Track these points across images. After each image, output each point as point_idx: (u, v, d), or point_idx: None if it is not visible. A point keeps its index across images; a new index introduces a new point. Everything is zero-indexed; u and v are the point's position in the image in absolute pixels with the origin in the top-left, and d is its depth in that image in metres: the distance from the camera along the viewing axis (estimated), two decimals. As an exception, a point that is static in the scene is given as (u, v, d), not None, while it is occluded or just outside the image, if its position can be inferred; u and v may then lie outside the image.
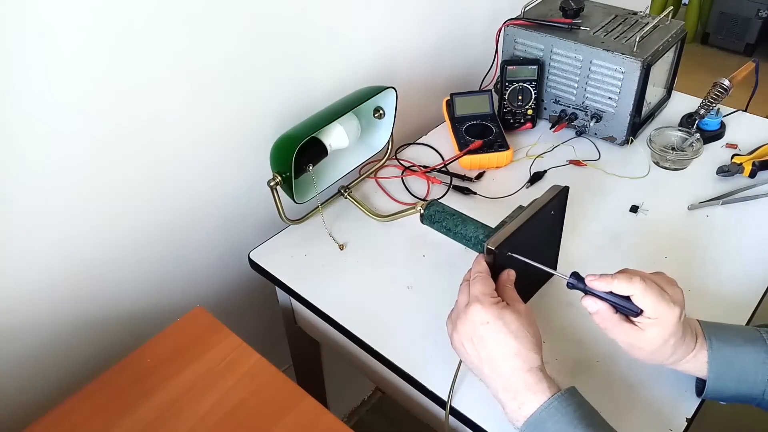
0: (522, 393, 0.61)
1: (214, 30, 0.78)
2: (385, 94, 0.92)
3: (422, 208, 0.82)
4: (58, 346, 0.80)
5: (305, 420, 0.69)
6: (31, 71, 0.63)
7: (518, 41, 1.10)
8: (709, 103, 1.06)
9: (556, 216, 0.78)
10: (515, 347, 0.62)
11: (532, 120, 1.12)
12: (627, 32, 1.05)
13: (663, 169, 1.03)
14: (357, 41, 1.00)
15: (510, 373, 0.62)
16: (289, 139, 0.82)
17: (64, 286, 0.77)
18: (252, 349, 0.77)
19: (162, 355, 0.76)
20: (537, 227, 0.73)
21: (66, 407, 0.71)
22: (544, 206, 0.73)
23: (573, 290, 0.66)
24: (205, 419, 0.70)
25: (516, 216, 0.72)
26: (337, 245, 0.90)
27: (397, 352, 0.76)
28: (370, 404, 1.57)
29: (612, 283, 0.62)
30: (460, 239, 0.78)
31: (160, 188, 0.83)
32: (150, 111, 0.76)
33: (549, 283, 0.83)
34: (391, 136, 0.98)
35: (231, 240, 0.97)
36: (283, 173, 0.83)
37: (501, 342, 0.63)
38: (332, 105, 0.89)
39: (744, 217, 0.93)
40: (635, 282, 0.61)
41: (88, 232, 0.77)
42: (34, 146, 0.67)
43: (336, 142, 0.89)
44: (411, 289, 0.84)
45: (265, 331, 1.10)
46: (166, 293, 0.91)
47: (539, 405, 0.59)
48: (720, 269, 0.85)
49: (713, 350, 0.64)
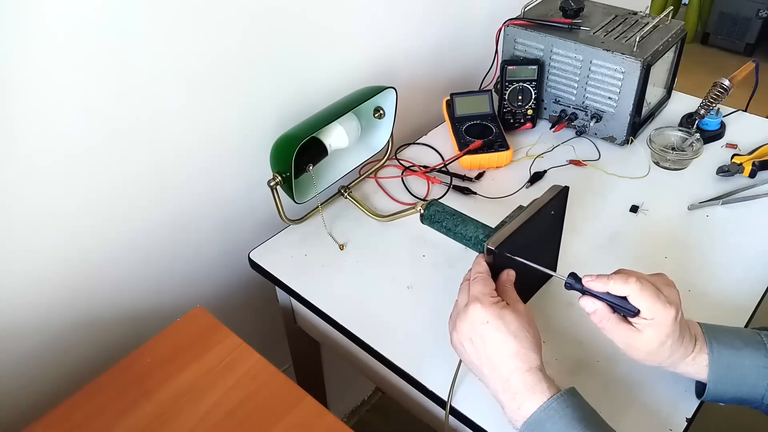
0: (521, 393, 0.61)
1: (215, 30, 0.78)
2: (385, 94, 0.92)
3: (422, 208, 0.82)
4: (58, 346, 0.80)
5: (305, 420, 0.69)
6: (31, 71, 0.63)
7: (518, 41, 1.10)
8: (709, 103, 1.06)
9: (556, 216, 0.78)
10: (514, 347, 0.62)
11: (532, 120, 1.12)
12: (627, 32, 1.05)
13: (663, 169, 1.03)
14: (357, 41, 1.00)
15: (509, 373, 0.62)
16: (289, 139, 0.82)
17: (64, 286, 0.77)
18: (252, 349, 0.77)
19: (162, 355, 0.76)
20: (537, 227, 0.74)
21: (66, 407, 0.71)
22: (543, 206, 0.73)
23: (573, 291, 0.66)
24: (205, 419, 0.70)
25: (516, 216, 0.72)
26: (338, 245, 0.90)
27: (397, 352, 0.76)
28: (370, 404, 1.57)
29: (608, 283, 0.62)
30: (460, 239, 0.78)
31: (160, 188, 0.83)
32: (150, 111, 0.76)
33: (549, 283, 0.83)
34: (391, 136, 0.98)
35: (231, 240, 0.97)
36: (283, 173, 0.83)
37: (500, 342, 0.63)
38: (332, 105, 0.89)
39: (744, 217, 0.93)
40: (631, 282, 0.62)
41: (89, 232, 0.77)
42: (34, 146, 0.67)
43: (336, 142, 0.89)
44: (411, 289, 0.84)
45: (265, 331, 1.10)
46: (166, 293, 0.91)
47: (538, 406, 0.59)
48: (720, 269, 0.85)
49: (714, 353, 0.64)
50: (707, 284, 0.82)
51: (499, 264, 0.70)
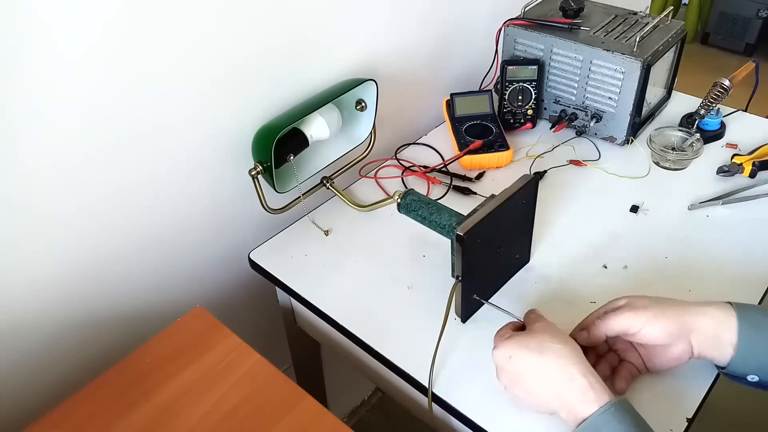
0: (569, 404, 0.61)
1: (216, 30, 0.78)
2: (366, 86, 0.93)
3: (399, 197, 0.83)
4: (58, 346, 0.80)
5: (305, 420, 0.69)
6: (32, 73, 0.63)
7: (518, 41, 1.10)
8: (709, 103, 1.06)
9: (527, 205, 0.80)
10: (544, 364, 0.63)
11: (532, 120, 1.12)
12: (627, 32, 1.05)
13: (663, 169, 1.03)
14: (357, 41, 1.00)
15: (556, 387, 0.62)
16: (270, 129, 0.84)
17: (65, 287, 0.77)
18: (252, 349, 0.77)
19: (162, 355, 0.76)
20: (507, 215, 0.76)
21: (66, 407, 0.71)
22: (512, 195, 0.75)
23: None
24: (205, 419, 0.70)
25: (486, 204, 0.75)
26: (322, 231, 0.91)
27: (397, 352, 0.76)
28: (370, 404, 1.57)
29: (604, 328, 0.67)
30: (435, 227, 0.80)
31: (160, 188, 0.83)
32: (149, 111, 0.76)
33: (546, 283, 0.83)
34: (373, 128, 0.98)
35: (231, 240, 0.97)
36: (263, 163, 0.85)
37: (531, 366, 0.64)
38: (313, 96, 0.90)
39: (744, 217, 0.93)
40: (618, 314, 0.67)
41: (89, 233, 0.77)
42: (35, 149, 0.67)
43: (317, 132, 0.90)
44: (411, 289, 0.84)
45: (265, 331, 1.10)
46: (166, 293, 0.91)
47: (591, 413, 0.59)
48: (720, 269, 0.85)
49: (738, 309, 0.64)
50: (707, 284, 0.82)
51: (470, 250, 0.71)
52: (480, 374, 0.73)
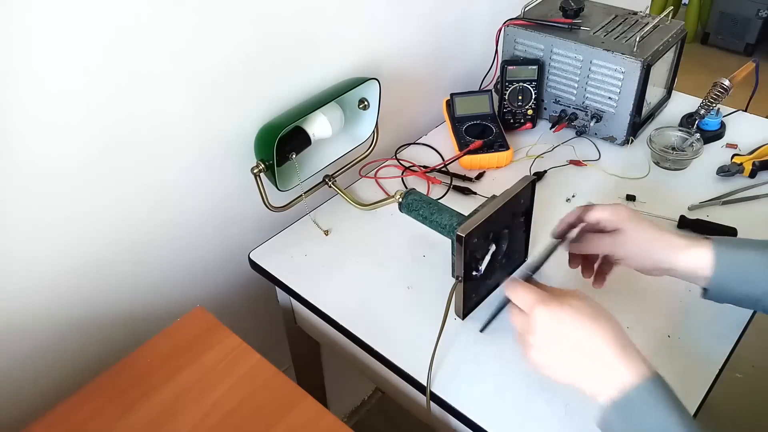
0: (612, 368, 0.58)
1: (219, 29, 0.78)
2: (368, 84, 0.93)
3: (400, 196, 0.83)
4: (58, 346, 0.80)
5: (305, 420, 0.69)
6: (32, 76, 0.63)
7: (518, 41, 1.10)
8: (709, 103, 1.06)
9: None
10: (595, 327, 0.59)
11: (532, 120, 1.12)
12: (627, 32, 1.05)
13: (663, 169, 1.03)
14: (357, 41, 1.00)
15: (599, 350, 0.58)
16: (272, 128, 0.84)
17: (65, 287, 0.77)
18: (252, 349, 0.77)
19: (162, 355, 0.76)
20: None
21: (66, 407, 0.71)
22: (515, 196, 0.75)
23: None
24: (205, 419, 0.70)
25: (487, 204, 0.75)
26: (322, 231, 0.91)
27: (397, 352, 0.76)
28: (370, 404, 1.57)
29: None
30: (435, 227, 0.80)
31: (160, 189, 0.83)
32: (149, 112, 0.76)
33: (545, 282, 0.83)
34: (375, 127, 0.98)
35: (231, 240, 0.97)
36: (266, 161, 0.85)
37: (577, 332, 0.59)
38: (315, 95, 0.90)
39: (744, 217, 0.93)
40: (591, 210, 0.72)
41: (89, 233, 0.77)
42: (36, 150, 0.67)
43: (319, 131, 0.90)
44: (411, 289, 0.84)
45: (265, 331, 1.10)
46: (166, 293, 0.91)
47: (631, 385, 0.56)
48: (720, 269, 0.85)
49: (716, 242, 0.66)
50: (707, 284, 0.82)
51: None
52: (479, 373, 0.73)
